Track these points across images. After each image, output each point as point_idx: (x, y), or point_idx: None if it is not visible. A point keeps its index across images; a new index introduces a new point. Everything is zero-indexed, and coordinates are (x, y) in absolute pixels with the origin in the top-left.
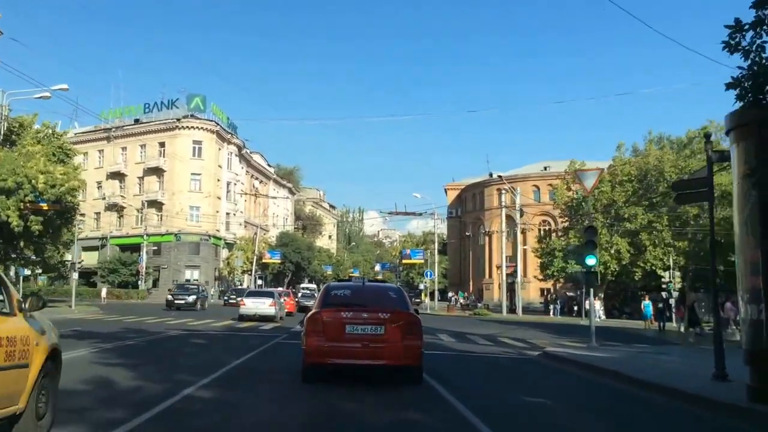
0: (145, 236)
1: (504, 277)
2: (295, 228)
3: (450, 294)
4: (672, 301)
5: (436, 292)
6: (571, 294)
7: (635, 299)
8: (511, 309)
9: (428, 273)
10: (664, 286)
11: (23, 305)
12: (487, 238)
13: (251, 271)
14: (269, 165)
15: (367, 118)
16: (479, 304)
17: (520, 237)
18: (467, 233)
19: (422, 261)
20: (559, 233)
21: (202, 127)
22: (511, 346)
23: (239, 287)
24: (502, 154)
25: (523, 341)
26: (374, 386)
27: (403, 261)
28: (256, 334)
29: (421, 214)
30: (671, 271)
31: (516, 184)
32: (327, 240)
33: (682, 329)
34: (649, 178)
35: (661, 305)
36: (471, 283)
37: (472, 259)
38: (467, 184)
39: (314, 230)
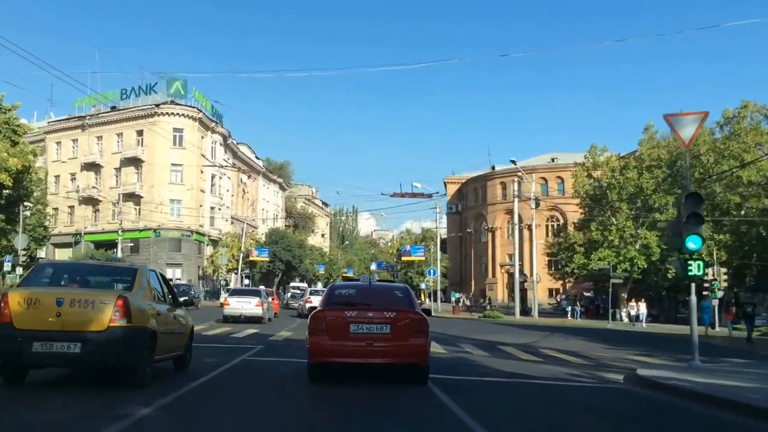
0: (120, 231)
1: (516, 276)
2: (286, 226)
3: (458, 295)
4: (716, 302)
5: (439, 292)
6: (588, 294)
7: (660, 300)
8: (523, 311)
9: (431, 271)
10: (707, 285)
11: (180, 303)
12: (489, 235)
13: (237, 269)
14: (258, 158)
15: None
16: (489, 306)
17: (535, 231)
18: (468, 230)
19: (423, 258)
20: (578, 225)
21: (183, 114)
22: (570, 364)
23: (228, 287)
24: (504, 147)
25: (576, 355)
26: None
27: (403, 258)
28: (221, 346)
29: (431, 196)
30: (714, 267)
31: (528, 176)
32: (320, 238)
33: (731, 333)
34: (680, 164)
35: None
36: (472, 283)
37: (473, 257)
38: (468, 178)
39: (306, 228)
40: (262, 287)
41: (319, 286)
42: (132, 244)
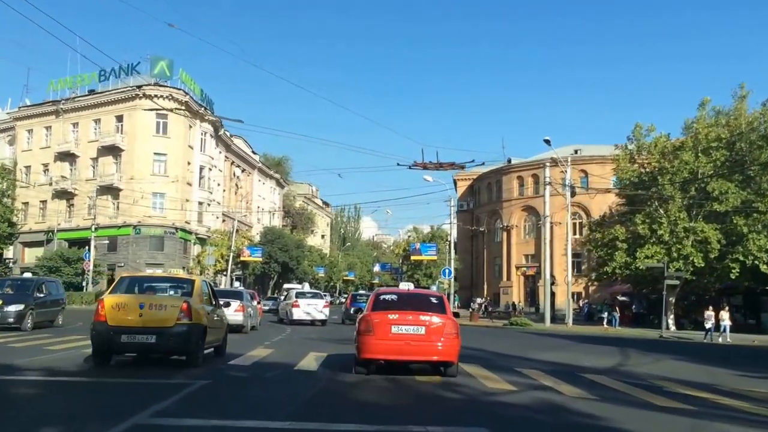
0: (93, 227)
1: (546, 279)
2: (283, 225)
3: (480, 300)
4: None
5: (453, 296)
6: (623, 298)
7: (711, 304)
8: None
9: (446, 271)
10: None
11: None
12: (504, 234)
13: (227, 270)
14: (254, 152)
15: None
16: (515, 311)
17: (569, 225)
18: (481, 228)
19: (435, 258)
20: (616, 219)
21: (168, 97)
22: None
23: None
24: (519, 140)
25: (718, 391)
26: None
27: (412, 258)
28: (122, 383)
29: (463, 167)
30: None
31: (540, 170)
32: (320, 239)
33: None
34: (740, 145)
35: None
36: (485, 286)
37: (486, 258)
38: (481, 173)
39: (305, 228)
40: (241, 288)
41: (306, 286)
42: (109, 242)
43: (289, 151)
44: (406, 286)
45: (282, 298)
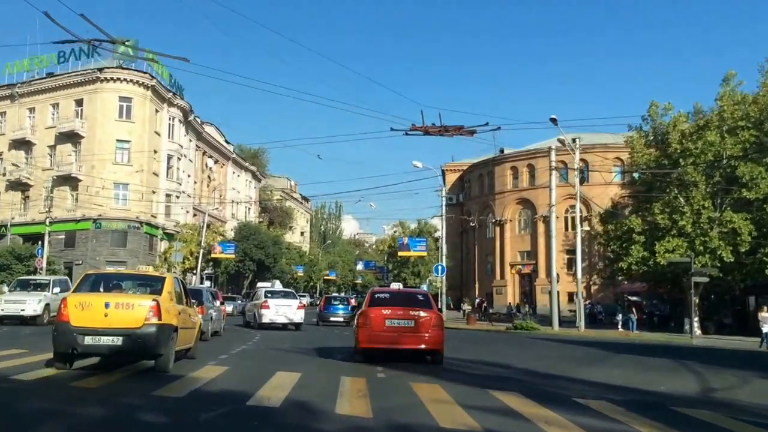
0: (48, 221)
1: (554, 276)
2: (260, 221)
3: (468, 303)
4: None
5: (443, 297)
6: (634, 298)
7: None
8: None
9: (438, 268)
10: None
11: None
12: (497, 229)
13: (197, 268)
14: (227, 142)
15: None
16: (520, 314)
17: (578, 217)
18: (472, 223)
19: (425, 254)
20: (632, 208)
21: (132, 80)
22: None
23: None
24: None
25: None
26: None
27: (400, 254)
28: None
29: (474, 131)
30: None
31: (537, 160)
32: (299, 237)
33: None
34: None
35: None
36: (476, 285)
37: (477, 256)
38: (471, 164)
39: (283, 224)
40: (202, 286)
41: (277, 284)
42: (65, 237)
43: (265, 141)
44: (396, 286)
45: (252, 295)
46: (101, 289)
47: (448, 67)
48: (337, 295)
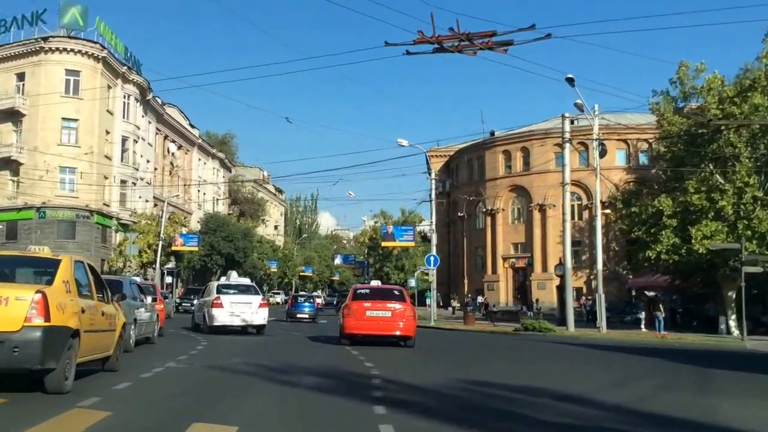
0: None
1: (567, 269)
2: (229, 213)
3: (478, 299)
4: None
5: (434, 293)
6: (651, 293)
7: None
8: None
9: (430, 259)
10: None
11: (114, 298)
12: (488, 220)
13: (156, 262)
14: (192, 126)
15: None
16: (530, 312)
17: (597, 198)
18: (459, 213)
19: (413, 243)
20: (660, 187)
21: (80, 51)
22: None
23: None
24: (500, 112)
25: None
26: None
27: (383, 244)
28: None
29: (510, 43)
30: None
31: (532, 143)
32: (272, 230)
33: None
34: None
35: None
36: (466, 281)
37: (466, 248)
38: (459, 149)
39: (255, 216)
40: (136, 278)
41: (233, 276)
42: (5, 228)
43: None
44: (375, 283)
45: (204, 290)
46: None
47: None
48: (303, 294)
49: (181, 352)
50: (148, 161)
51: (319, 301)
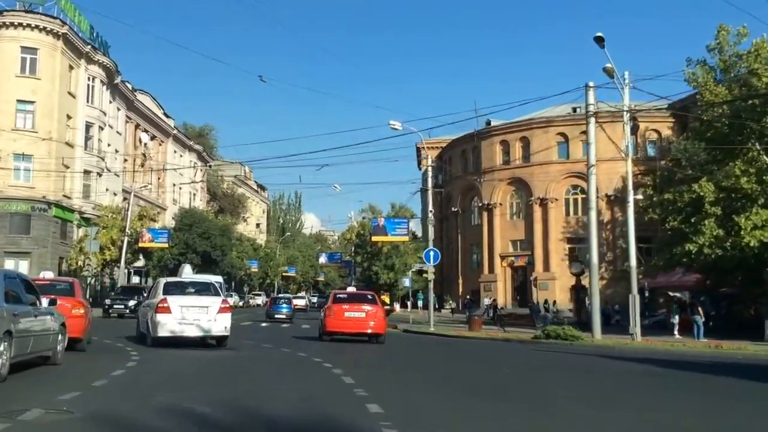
0: None
1: (593, 264)
2: (208, 210)
3: (485, 300)
4: None
5: (432, 294)
6: (678, 295)
7: None
8: (580, 322)
9: (429, 254)
10: None
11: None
12: (485, 215)
13: (121, 260)
14: (167, 115)
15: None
16: (552, 314)
17: (630, 178)
18: (453, 208)
19: (407, 238)
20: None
21: (37, 27)
22: None
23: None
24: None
25: None
26: None
27: (374, 239)
28: None
29: None
30: None
31: (532, 132)
32: (254, 228)
33: None
34: None
35: None
36: (460, 281)
37: (461, 246)
38: (451, 140)
39: (234, 213)
40: (46, 273)
41: (187, 271)
42: None
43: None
44: (351, 289)
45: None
46: None
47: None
48: (282, 296)
49: (82, 381)
50: (117, 151)
51: (303, 303)
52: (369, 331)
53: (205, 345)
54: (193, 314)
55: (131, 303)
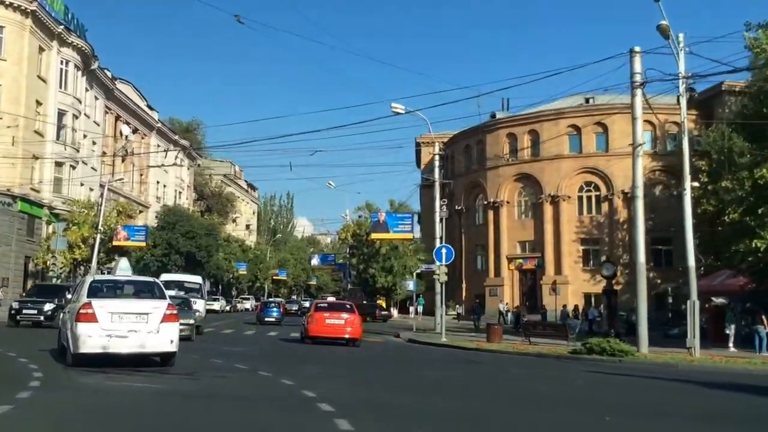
0: None
1: (640, 265)
2: (194, 209)
3: (503, 306)
4: None
5: (442, 297)
6: (721, 300)
7: None
8: (616, 333)
9: (441, 252)
10: None
11: None
12: (491, 214)
13: (92, 261)
14: (150, 107)
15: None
16: (578, 323)
17: (687, 159)
18: (457, 207)
19: (411, 235)
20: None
21: (3, 2)
22: None
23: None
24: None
25: None
26: None
27: (373, 236)
28: None
29: None
30: None
31: (542, 125)
32: (243, 230)
33: None
34: None
35: None
36: (464, 284)
37: (465, 247)
38: (455, 134)
39: (223, 213)
40: None
41: (122, 266)
42: None
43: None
44: (330, 299)
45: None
46: None
47: None
48: (272, 300)
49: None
50: (94, 143)
51: (296, 308)
52: (347, 336)
53: (148, 362)
54: (128, 324)
55: (47, 307)
